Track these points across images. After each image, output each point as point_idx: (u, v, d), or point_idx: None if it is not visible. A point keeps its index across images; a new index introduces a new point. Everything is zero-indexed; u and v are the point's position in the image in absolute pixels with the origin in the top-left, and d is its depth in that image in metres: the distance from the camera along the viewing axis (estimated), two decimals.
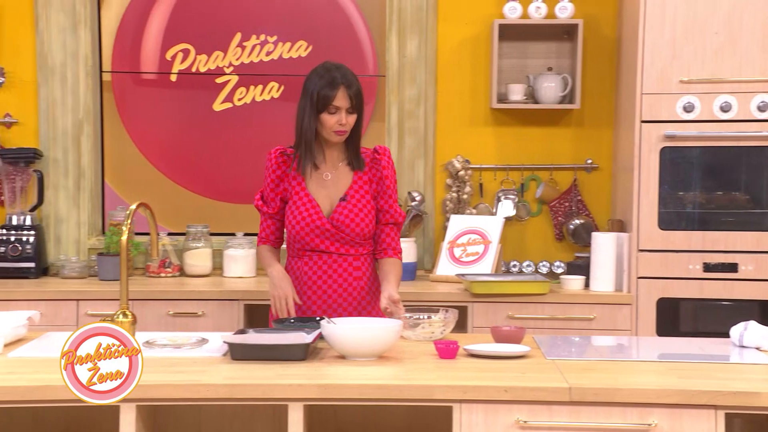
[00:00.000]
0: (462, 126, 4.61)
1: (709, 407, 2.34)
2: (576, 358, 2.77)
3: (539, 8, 4.40)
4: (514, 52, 4.54)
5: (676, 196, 4.04)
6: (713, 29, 3.89)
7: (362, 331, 2.66)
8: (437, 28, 4.55)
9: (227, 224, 4.68)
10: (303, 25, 4.72)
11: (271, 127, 4.74)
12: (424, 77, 4.53)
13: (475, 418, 2.38)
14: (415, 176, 4.56)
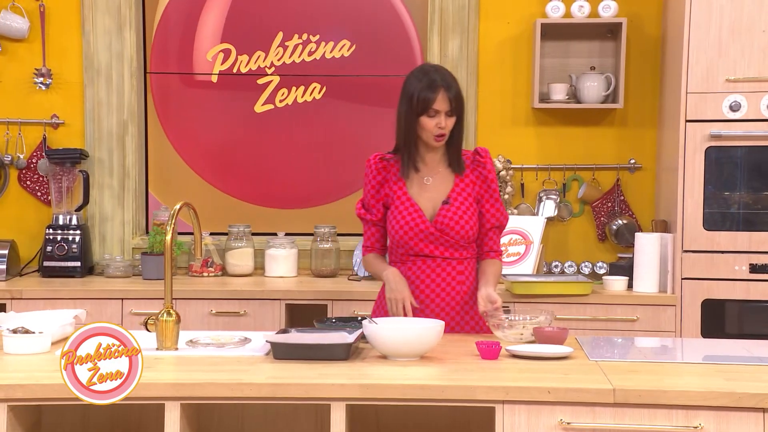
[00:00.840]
0: (503, 126, 4.59)
1: (757, 410, 2.31)
2: (619, 359, 2.74)
3: (582, 7, 4.36)
4: (557, 52, 4.51)
5: (721, 196, 3.99)
6: (761, 27, 3.84)
7: (404, 331, 2.66)
8: (479, 27, 4.54)
9: (269, 225, 4.70)
10: (346, 24, 4.69)
11: (313, 129, 4.73)
12: (465, 77, 4.52)
13: (518, 419, 2.37)
14: None
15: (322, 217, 4.69)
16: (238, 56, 4.73)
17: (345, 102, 4.72)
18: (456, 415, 2.71)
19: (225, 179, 4.78)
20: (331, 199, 4.75)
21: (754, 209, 3.98)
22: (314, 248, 4.47)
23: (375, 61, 4.69)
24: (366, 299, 4.01)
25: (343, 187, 4.75)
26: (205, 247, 4.44)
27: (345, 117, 4.73)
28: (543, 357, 2.69)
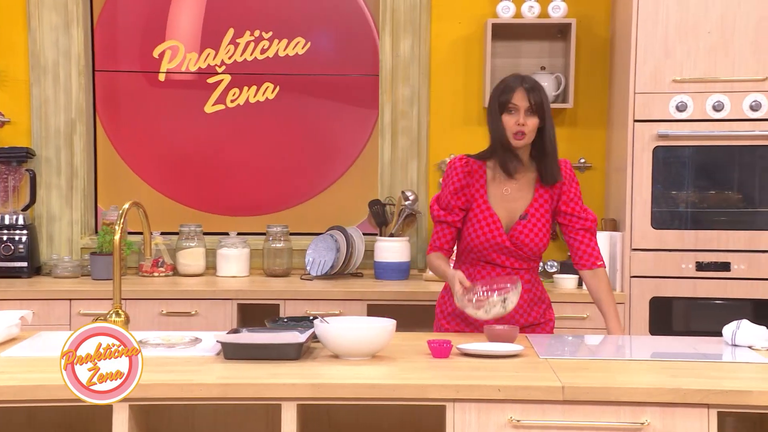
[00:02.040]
0: (455, 125, 4.61)
1: (702, 406, 2.34)
2: (569, 357, 2.77)
3: (532, 7, 4.40)
4: (508, 52, 4.54)
5: (669, 195, 4.05)
6: (706, 29, 3.90)
7: (355, 330, 2.65)
8: (431, 28, 4.55)
9: (220, 224, 4.66)
10: (300, 21, 4.60)
11: (266, 131, 4.66)
12: (417, 76, 4.53)
13: (468, 417, 2.39)
14: (408, 175, 4.56)
15: (276, 218, 4.67)
16: (186, 54, 4.64)
17: (299, 102, 4.67)
18: (407, 414, 2.71)
19: (173, 184, 4.68)
20: (285, 206, 4.69)
21: (701, 208, 4.05)
22: (266, 248, 4.46)
23: (331, 60, 4.65)
24: (318, 299, 4.01)
25: (298, 193, 4.70)
26: (155, 247, 4.40)
27: (299, 118, 4.68)
28: (494, 355, 2.71)
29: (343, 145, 4.69)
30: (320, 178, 4.70)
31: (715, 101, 3.92)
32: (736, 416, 2.62)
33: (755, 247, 3.93)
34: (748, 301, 3.92)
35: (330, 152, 4.69)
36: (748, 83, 3.90)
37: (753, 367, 2.63)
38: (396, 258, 4.34)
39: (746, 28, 3.88)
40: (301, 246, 4.51)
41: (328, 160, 4.70)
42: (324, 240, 4.42)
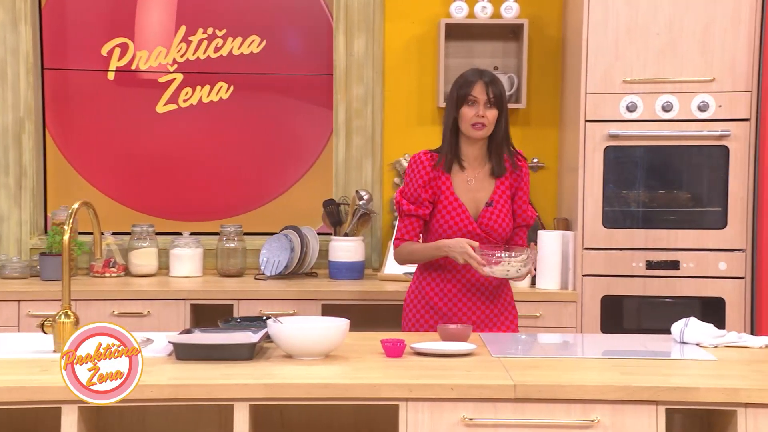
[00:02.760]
0: (409, 125, 4.62)
1: (650, 403, 2.37)
2: (521, 355, 2.79)
3: (485, 8, 4.42)
4: (461, 52, 4.56)
5: (620, 194, 4.09)
6: (655, 31, 3.95)
7: (308, 330, 2.65)
8: (384, 27, 4.55)
9: (173, 224, 4.63)
10: (255, 18, 4.54)
11: (220, 132, 4.60)
12: (371, 76, 4.53)
13: (421, 416, 2.39)
14: (362, 175, 4.56)
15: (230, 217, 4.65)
16: (136, 52, 4.56)
17: (255, 102, 4.63)
18: (361, 413, 2.72)
19: (123, 188, 4.59)
20: (240, 211, 4.65)
21: (651, 207, 4.10)
22: (220, 247, 4.43)
23: (287, 59, 4.61)
24: (272, 299, 4.00)
25: (254, 197, 4.67)
26: (107, 247, 4.35)
27: (255, 118, 4.64)
28: (447, 354, 2.72)
29: (301, 145, 4.68)
30: (277, 179, 4.68)
31: (665, 102, 3.98)
32: (684, 412, 2.66)
33: (703, 245, 4.00)
34: (697, 299, 3.98)
35: (287, 153, 4.67)
36: (695, 84, 3.95)
37: (700, 364, 2.67)
38: (350, 258, 4.34)
39: (694, 30, 3.93)
40: (255, 246, 4.49)
41: (285, 161, 4.67)
42: (278, 240, 4.41)
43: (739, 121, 3.95)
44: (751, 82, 3.92)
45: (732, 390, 2.36)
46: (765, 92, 3.86)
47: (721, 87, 3.94)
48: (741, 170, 3.96)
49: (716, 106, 3.95)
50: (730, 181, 3.97)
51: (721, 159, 3.98)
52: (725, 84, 3.94)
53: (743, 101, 3.94)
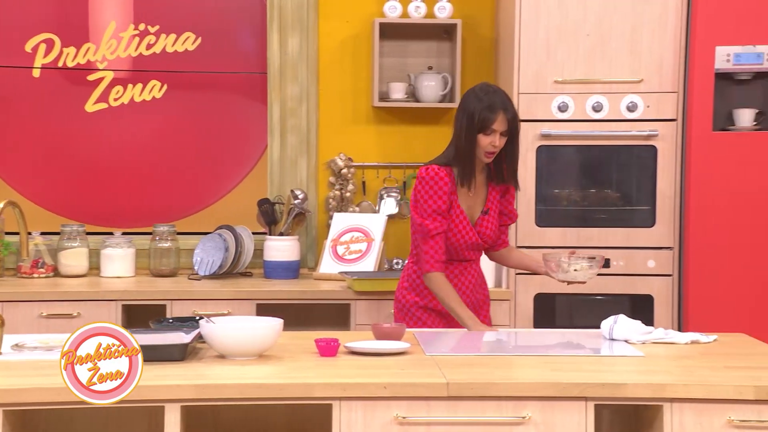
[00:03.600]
0: (344, 124, 4.62)
1: (580, 399, 2.41)
2: (455, 353, 2.81)
3: (419, 8, 4.45)
4: (395, 51, 4.58)
5: (552, 193, 4.15)
6: (585, 32, 4.01)
7: (241, 330, 2.64)
8: (318, 26, 4.55)
9: (104, 223, 4.55)
10: (190, 15, 4.46)
11: (153, 132, 4.51)
12: (306, 75, 4.52)
13: (355, 415, 2.40)
14: (297, 174, 4.55)
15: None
16: (63, 48, 4.43)
17: (188, 101, 4.57)
18: (294, 413, 2.71)
19: (49, 193, 4.47)
20: (176, 216, 4.58)
21: (582, 206, 4.16)
22: (153, 247, 4.38)
23: (223, 56, 4.56)
24: (206, 299, 3.97)
25: (190, 200, 4.61)
26: (35, 247, 4.27)
27: (189, 118, 4.59)
28: (380, 353, 2.73)
29: (238, 145, 4.64)
30: (214, 181, 4.63)
31: (595, 102, 4.04)
32: (613, 408, 2.71)
33: (632, 244, 4.07)
34: (626, 296, 4.05)
35: (223, 153, 4.63)
36: (624, 85, 4.02)
37: (628, 360, 2.72)
38: (285, 257, 4.33)
39: (622, 32, 4.00)
40: (188, 246, 4.44)
41: (222, 161, 4.63)
42: (212, 239, 4.37)
43: (666, 122, 4.03)
44: (678, 83, 4.00)
45: (658, 385, 2.41)
46: (691, 93, 3.94)
47: (649, 88, 4.02)
48: (668, 170, 4.04)
49: (644, 106, 4.03)
50: (658, 181, 4.05)
51: (649, 159, 4.06)
52: (653, 85, 4.01)
53: (670, 102, 4.02)
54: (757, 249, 3.90)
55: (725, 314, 3.89)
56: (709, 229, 3.94)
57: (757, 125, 3.94)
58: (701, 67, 3.91)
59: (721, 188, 3.91)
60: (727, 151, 3.91)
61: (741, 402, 2.38)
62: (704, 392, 2.39)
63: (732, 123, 3.97)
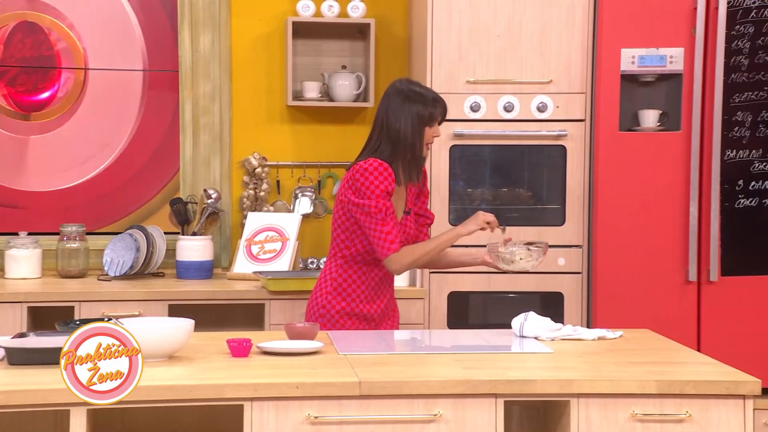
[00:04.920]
0: (258, 123, 4.59)
1: (490, 396, 2.44)
2: (368, 352, 2.81)
3: (332, 7, 4.44)
4: (309, 50, 4.57)
5: (465, 192, 4.19)
6: (496, 33, 4.06)
7: (150, 331, 2.60)
8: (231, 24, 4.51)
9: (8, 223, 4.44)
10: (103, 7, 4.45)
11: (62, 130, 4.42)
12: (218, 73, 4.47)
13: (266, 416, 2.39)
14: (210, 173, 4.50)
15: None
16: None
17: (99, 98, 4.49)
18: (205, 414, 2.68)
19: None
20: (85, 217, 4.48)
21: (494, 205, 4.21)
22: (60, 248, 4.28)
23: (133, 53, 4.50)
24: (117, 300, 3.91)
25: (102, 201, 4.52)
26: None
27: (98, 116, 4.51)
28: (293, 353, 2.72)
29: (146, 144, 4.57)
30: (119, 177, 4.56)
31: (506, 102, 4.09)
32: (522, 404, 2.75)
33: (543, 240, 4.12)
34: (537, 293, 4.12)
35: (131, 151, 4.56)
36: (534, 85, 4.09)
37: (538, 356, 2.77)
38: (198, 257, 4.28)
39: (531, 34, 4.06)
40: (98, 246, 4.36)
41: (130, 159, 4.56)
42: (123, 239, 4.30)
43: (575, 122, 4.10)
44: (586, 85, 4.08)
45: (565, 381, 2.46)
46: (598, 94, 4.03)
47: (558, 89, 4.09)
48: (577, 169, 4.12)
49: (554, 107, 4.10)
50: (568, 180, 4.12)
51: (559, 158, 4.13)
52: (562, 86, 4.09)
53: (579, 102, 4.10)
54: (661, 246, 4.00)
55: (632, 311, 3.98)
56: (616, 227, 4.03)
57: (660, 126, 4.05)
58: (607, 69, 3.99)
59: (628, 187, 4.01)
60: (633, 151, 4.00)
61: (644, 396, 2.45)
62: (609, 387, 2.45)
63: (637, 123, 4.07)
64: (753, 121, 3.95)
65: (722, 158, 3.93)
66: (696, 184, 3.95)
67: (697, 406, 2.45)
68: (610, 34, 3.98)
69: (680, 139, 3.98)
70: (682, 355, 2.86)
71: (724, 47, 3.90)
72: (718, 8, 3.89)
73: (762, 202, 3.95)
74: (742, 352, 3.88)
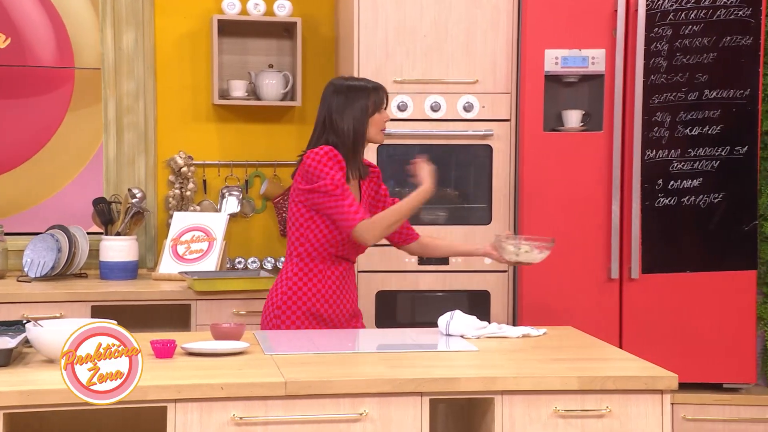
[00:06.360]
0: (184, 121, 4.54)
1: (415, 394, 2.45)
2: (294, 352, 2.80)
3: (258, 5, 4.42)
4: (235, 48, 4.53)
5: (393, 192, 4.19)
6: (422, 32, 4.08)
7: (68, 333, 2.54)
8: (155, 21, 4.45)
9: None
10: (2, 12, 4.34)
11: None
12: (142, 71, 4.41)
13: (191, 417, 2.36)
14: (135, 172, 4.44)
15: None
16: None
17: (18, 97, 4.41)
18: (128, 417, 2.65)
19: None
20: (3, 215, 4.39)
21: (423, 205, 4.20)
22: None
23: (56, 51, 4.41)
24: (37, 301, 3.83)
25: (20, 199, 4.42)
26: None
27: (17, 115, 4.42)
28: (218, 353, 2.70)
29: (70, 143, 4.49)
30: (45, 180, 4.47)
31: (433, 102, 4.12)
32: (447, 402, 2.77)
33: (471, 241, 4.16)
34: (465, 292, 4.15)
35: (55, 152, 4.47)
36: (461, 85, 4.11)
37: (463, 355, 2.79)
38: (123, 257, 4.22)
39: (458, 34, 4.09)
40: (18, 246, 4.27)
41: (53, 161, 4.47)
42: (44, 240, 4.21)
43: (500, 122, 4.14)
44: (511, 85, 4.13)
45: (490, 379, 2.48)
46: (523, 94, 4.07)
47: (484, 89, 4.12)
48: (503, 169, 4.16)
49: (480, 106, 4.13)
50: (494, 179, 4.16)
51: (485, 158, 4.17)
52: (487, 86, 4.12)
53: (504, 102, 4.14)
54: (584, 245, 4.06)
55: (556, 308, 4.04)
56: (540, 226, 4.07)
57: (583, 126, 4.11)
58: (532, 70, 4.04)
59: (552, 187, 4.06)
60: (557, 151, 4.06)
61: (566, 392, 2.49)
62: (532, 384, 2.48)
63: (561, 124, 4.12)
64: (672, 122, 4.03)
65: (643, 158, 4.01)
66: (618, 183, 4.02)
67: (617, 402, 2.50)
68: (533, 35, 4.03)
69: (602, 139, 4.05)
70: (603, 352, 2.91)
71: (644, 49, 3.97)
72: (638, 11, 3.97)
73: (680, 201, 4.04)
74: (662, 348, 3.98)
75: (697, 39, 3.99)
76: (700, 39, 3.99)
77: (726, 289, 4.05)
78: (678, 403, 3.99)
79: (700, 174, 4.02)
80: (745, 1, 3.98)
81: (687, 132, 4.02)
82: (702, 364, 4.05)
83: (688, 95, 4.00)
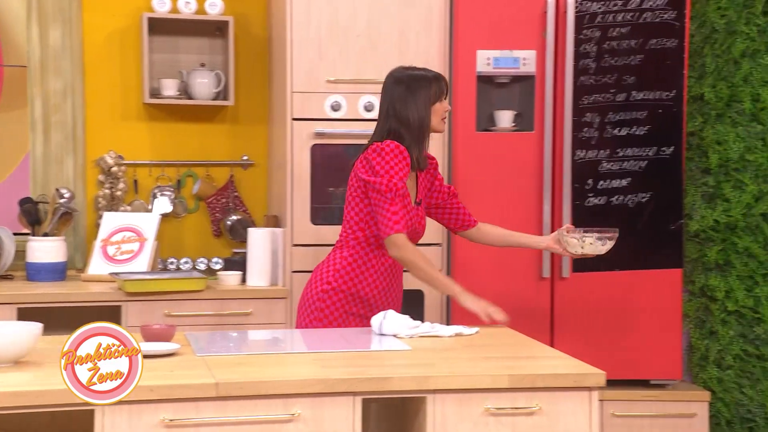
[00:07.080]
0: (114, 121, 4.48)
1: (348, 394, 2.45)
2: (226, 353, 2.78)
3: (189, 3, 4.37)
4: (166, 47, 4.48)
5: (326, 192, 4.19)
6: (355, 32, 4.08)
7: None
8: (83, 18, 4.38)
9: None
10: None
11: None
12: (70, 69, 4.33)
13: (119, 420, 2.33)
14: (63, 172, 4.36)
15: None
16: None
17: None
18: (57, 420, 2.61)
19: None
20: None
21: None
22: None
23: None
24: None
25: None
26: None
27: None
28: (148, 355, 2.66)
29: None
30: None
31: (366, 102, 4.12)
32: (380, 402, 2.78)
33: None
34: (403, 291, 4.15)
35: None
36: None
37: (396, 354, 2.80)
38: (51, 258, 4.14)
39: (390, 34, 4.09)
40: None
41: None
42: None
43: None
44: None
45: (422, 378, 2.49)
46: (456, 95, 4.09)
47: None
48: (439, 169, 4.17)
49: None
50: None
51: None
52: None
53: None
54: None
55: None
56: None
57: (515, 126, 4.15)
58: (464, 70, 4.07)
59: (484, 186, 4.09)
60: (489, 151, 4.10)
61: (497, 390, 2.51)
62: (464, 383, 2.50)
63: (493, 124, 4.16)
64: (601, 123, 4.10)
65: (573, 158, 4.07)
66: (549, 183, 4.07)
67: (546, 399, 2.53)
68: (465, 36, 4.06)
69: (533, 139, 4.10)
70: (534, 350, 2.94)
71: (573, 50, 4.03)
72: (567, 12, 4.02)
73: (609, 200, 4.11)
74: (592, 345, 4.04)
75: (625, 41, 4.06)
76: (627, 41, 4.06)
77: (653, 287, 4.14)
78: (606, 399, 4.06)
79: (629, 174, 4.10)
80: (671, 4, 4.07)
81: (615, 132, 4.09)
82: (630, 360, 4.13)
83: (616, 96, 4.08)
